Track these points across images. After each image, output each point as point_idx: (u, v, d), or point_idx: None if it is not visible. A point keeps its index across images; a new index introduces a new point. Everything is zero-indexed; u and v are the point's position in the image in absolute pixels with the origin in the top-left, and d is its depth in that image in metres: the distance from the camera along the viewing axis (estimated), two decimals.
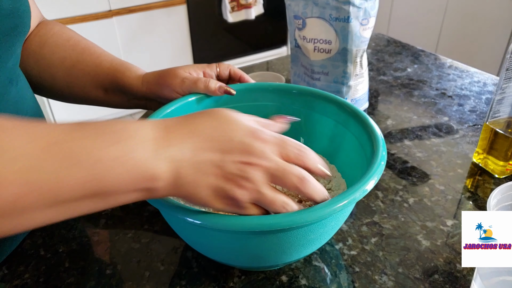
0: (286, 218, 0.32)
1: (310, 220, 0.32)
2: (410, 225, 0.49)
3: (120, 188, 0.27)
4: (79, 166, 0.25)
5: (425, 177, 0.57)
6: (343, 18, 0.61)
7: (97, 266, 0.46)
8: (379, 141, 0.41)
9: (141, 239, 0.49)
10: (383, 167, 0.38)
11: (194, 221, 0.32)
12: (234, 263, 0.43)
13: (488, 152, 0.57)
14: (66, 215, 0.27)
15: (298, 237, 0.35)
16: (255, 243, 0.36)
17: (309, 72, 0.69)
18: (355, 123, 0.46)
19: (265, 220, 0.32)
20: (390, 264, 0.44)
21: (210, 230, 0.35)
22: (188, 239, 0.41)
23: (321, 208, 0.33)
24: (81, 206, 0.27)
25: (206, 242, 0.38)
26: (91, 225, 0.52)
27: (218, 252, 0.40)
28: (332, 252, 0.46)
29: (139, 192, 0.29)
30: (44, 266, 0.46)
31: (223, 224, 0.32)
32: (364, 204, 0.53)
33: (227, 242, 0.37)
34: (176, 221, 0.38)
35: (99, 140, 0.27)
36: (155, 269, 0.45)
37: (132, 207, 0.54)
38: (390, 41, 1.05)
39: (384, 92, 0.81)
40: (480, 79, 0.84)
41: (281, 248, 0.36)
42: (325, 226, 0.37)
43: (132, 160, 0.27)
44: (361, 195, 0.34)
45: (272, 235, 0.34)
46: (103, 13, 1.96)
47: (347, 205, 0.33)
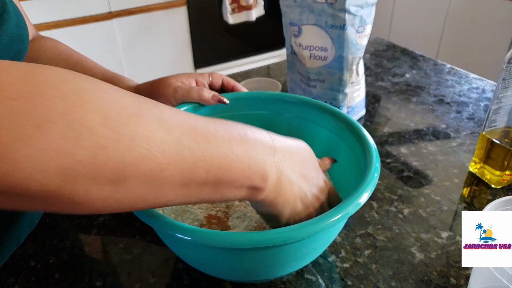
0: (277, 234, 0.32)
1: (302, 236, 0.32)
2: (405, 236, 0.49)
3: (237, 182, 0.30)
4: (213, 151, 0.28)
5: (420, 186, 0.57)
6: (339, 25, 0.61)
7: (87, 278, 0.45)
8: (372, 153, 0.41)
9: (133, 250, 0.48)
10: (376, 179, 0.37)
11: (184, 237, 0.32)
12: (225, 277, 0.42)
13: (484, 161, 0.57)
14: (188, 199, 0.29)
15: (290, 252, 0.35)
16: (247, 259, 0.35)
17: (305, 79, 0.68)
18: (349, 133, 0.46)
19: (256, 236, 0.31)
20: (383, 277, 0.44)
21: (201, 246, 0.35)
22: (180, 254, 0.40)
23: (313, 224, 0.32)
24: (201, 193, 0.29)
25: (198, 256, 0.38)
26: (83, 235, 0.52)
27: (210, 266, 0.39)
28: (325, 264, 0.46)
29: (248, 190, 0.31)
30: (34, 277, 0.45)
31: (214, 240, 0.32)
32: (358, 215, 0.52)
33: (219, 258, 0.36)
34: (168, 237, 0.38)
35: (228, 135, 0.30)
36: (145, 281, 0.45)
37: (124, 216, 0.54)
38: (389, 45, 1.05)
39: (381, 98, 0.80)
40: (479, 86, 0.83)
41: (273, 263, 0.36)
42: (317, 241, 0.36)
43: (253, 160, 0.30)
44: (354, 209, 0.34)
45: (264, 251, 0.34)
46: (103, 15, 1.96)
47: (339, 220, 0.33)
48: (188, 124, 0.28)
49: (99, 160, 0.23)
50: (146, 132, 0.25)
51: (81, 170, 0.23)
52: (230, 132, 0.30)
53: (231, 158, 0.29)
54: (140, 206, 0.27)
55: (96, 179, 0.24)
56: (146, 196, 0.27)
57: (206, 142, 0.28)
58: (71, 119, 0.22)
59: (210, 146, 0.28)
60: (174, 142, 0.26)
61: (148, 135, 0.25)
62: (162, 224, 0.33)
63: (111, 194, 0.25)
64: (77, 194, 0.24)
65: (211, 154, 0.28)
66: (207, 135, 0.28)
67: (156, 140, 0.25)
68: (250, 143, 0.30)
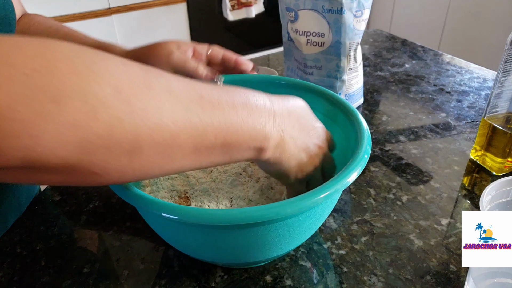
0: (265, 210, 0.30)
1: (290, 213, 0.31)
2: (403, 224, 0.47)
3: (244, 144, 0.31)
4: (220, 117, 0.29)
5: (420, 174, 0.55)
6: (336, 9, 0.59)
7: (74, 265, 0.44)
8: (364, 134, 0.39)
9: (122, 237, 0.47)
10: (366, 160, 0.36)
11: (170, 216, 0.31)
12: (214, 259, 0.41)
13: (486, 148, 0.55)
14: (200, 163, 0.30)
15: (279, 231, 0.34)
16: (232, 238, 0.34)
17: (302, 66, 0.67)
18: (342, 116, 0.44)
19: (243, 213, 0.30)
20: (380, 264, 0.42)
21: (190, 226, 0.33)
22: (166, 237, 0.39)
23: (301, 200, 0.31)
24: (212, 156, 0.30)
25: (185, 239, 0.37)
26: (72, 222, 0.50)
27: (199, 249, 0.38)
28: (320, 251, 0.44)
29: (254, 150, 0.32)
30: (19, 264, 0.44)
31: (202, 218, 0.30)
32: (355, 202, 0.51)
33: (206, 238, 0.35)
34: (153, 218, 0.36)
35: (231, 100, 0.30)
36: (134, 267, 0.43)
37: (115, 203, 0.52)
38: (389, 37, 1.03)
39: (380, 88, 0.79)
40: (480, 75, 0.81)
41: (262, 242, 0.35)
42: (306, 220, 0.35)
43: (256, 122, 0.31)
44: (342, 187, 0.33)
45: (251, 229, 0.33)
46: (102, 11, 1.95)
47: (328, 197, 0.32)
48: (194, 92, 0.28)
49: (115, 132, 0.24)
50: (157, 102, 0.26)
51: (98, 142, 0.24)
52: (233, 98, 0.31)
53: (237, 122, 0.30)
54: (155, 173, 0.28)
55: (113, 150, 0.25)
56: (161, 164, 0.28)
57: (212, 109, 0.29)
58: (86, 94, 0.23)
59: (216, 112, 0.29)
60: (183, 110, 0.27)
61: (159, 105, 0.26)
62: (148, 204, 0.32)
63: (127, 164, 0.26)
64: (95, 165, 0.25)
65: (219, 120, 0.29)
66: (213, 102, 0.29)
67: (167, 109, 0.26)
68: (252, 107, 0.31)
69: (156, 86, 0.26)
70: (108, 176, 0.26)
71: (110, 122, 0.24)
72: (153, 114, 0.25)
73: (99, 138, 0.24)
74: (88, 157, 0.24)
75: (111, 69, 0.25)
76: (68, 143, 0.23)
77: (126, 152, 0.25)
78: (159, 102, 0.26)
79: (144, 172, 0.28)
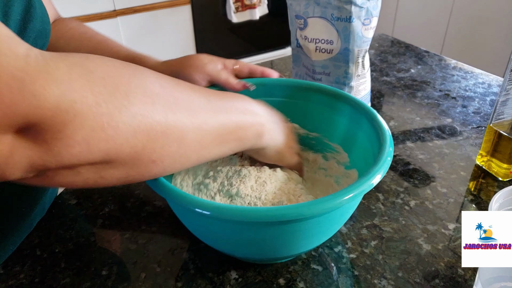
0: (295, 209, 0.32)
1: (318, 212, 0.33)
2: (411, 228, 0.49)
3: (247, 129, 0.39)
4: (231, 110, 0.38)
5: (427, 179, 0.56)
6: (345, 18, 0.60)
7: (93, 267, 0.45)
8: (386, 138, 0.41)
9: (138, 240, 0.48)
10: (389, 163, 0.37)
11: (203, 211, 0.33)
12: (238, 253, 0.43)
13: (491, 154, 0.56)
14: (223, 153, 0.38)
15: (306, 228, 0.36)
16: (263, 234, 0.36)
17: (310, 72, 0.68)
18: (365, 121, 0.46)
19: (273, 211, 0.32)
20: (390, 268, 0.44)
21: (222, 221, 0.35)
22: (195, 229, 0.41)
23: (329, 200, 0.33)
24: (230, 143, 0.38)
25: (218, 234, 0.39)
26: (88, 225, 0.52)
27: (228, 243, 0.40)
28: (331, 255, 0.46)
29: (256, 136, 0.41)
30: (40, 266, 0.45)
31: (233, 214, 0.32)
32: (364, 207, 0.52)
33: (236, 233, 0.37)
34: (184, 212, 0.38)
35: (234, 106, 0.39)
36: (151, 270, 0.45)
37: (130, 207, 0.54)
38: (394, 41, 1.04)
39: (386, 93, 0.80)
40: (485, 81, 0.82)
41: (289, 239, 0.37)
42: (331, 219, 0.37)
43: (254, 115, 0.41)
44: (367, 188, 0.35)
45: (279, 226, 0.35)
46: (107, 13, 1.97)
47: (352, 199, 0.33)
48: (203, 92, 0.36)
49: (169, 118, 0.30)
50: (187, 96, 0.34)
51: (159, 128, 0.30)
52: (229, 98, 0.39)
53: (240, 113, 0.39)
54: (192, 160, 0.35)
55: (169, 136, 0.31)
56: (197, 148, 0.34)
57: (223, 103, 0.38)
58: (144, 89, 0.29)
59: (226, 106, 0.38)
60: (206, 102, 0.35)
61: (190, 98, 0.34)
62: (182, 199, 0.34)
63: (176, 149, 0.32)
64: (154, 151, 0.30)
65: (230, 111, 0.38)
66: (219, 99, 0.38)
67: (195, 101, 0.34)
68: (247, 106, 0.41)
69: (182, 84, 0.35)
70: (161, 164, 0.31)
71: (164, 110, 0.30)
72: (189, 105, 0.33)
73: (158, 124, 0.29)
74: (151, 144, 0.29)
75: (151, 73, 0.32)
76: (138, 130, 0.28)
77: (176, 138, 0.31)
78: (188, 96, 0.34)
79: (186, 158, 0.34)
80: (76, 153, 0.26)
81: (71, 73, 0.25)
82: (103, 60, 0.28)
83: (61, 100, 0.24)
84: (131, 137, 0.28)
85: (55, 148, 0.25)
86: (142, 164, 0.30)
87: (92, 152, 0.26)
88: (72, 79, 0.25)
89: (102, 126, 0.26)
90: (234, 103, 0.39)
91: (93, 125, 0.25)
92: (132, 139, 0.28)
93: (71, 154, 0.26)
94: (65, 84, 0.24)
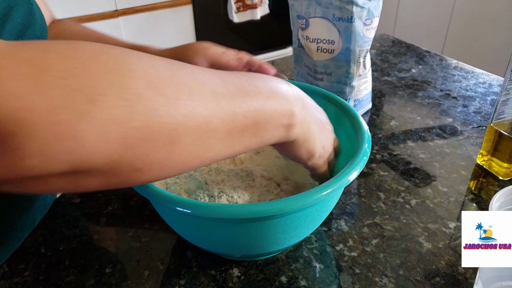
0: (274, 205, 0.33)
1: (296, 208, 0.34)
2: (412, 227, 0.49)
3: (272, 121, 0.32)
4: (245, 97, 0.30)
5: (428, 178, 0.57)
6: (346, 18, 0.61)
7: (97, 265, 0.46)
8: (364, 137, 0.42)
9: (141, 238, 0.49)
10: (365, 161, 0.39)
11: (184, 210, 0.33)
12: (222, 251, 0.44)
13: (492, 154, 0.56)
14: (233, 148, 0.31)
15: (284, 225, 0.37)
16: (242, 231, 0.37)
17: (312, 72, 0.69)
18: (347, 120, 0.47)
19: (255, 207, 0.33)
20: (390, 266, 0.44)
21: (203, 220, 0.36)
22: (181, 231, 0.42)
23: (308, 196, 0.34)
24: (244, 139, 0.31)
25: (200, 233, 0.39)
26: (92, 224, 0.52)
27: (213, 243, 0.41)
28: (333, 253, 0.46)
29: (283, 129, 0.33)
30: (44, 264, 0.46)
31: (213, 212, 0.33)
32: (365, 206, 0.52)
33: (217, 232, 0.38)
34: (168, 213, 0.39)
35: (253, 83, 0.32)
36: (154, 268, 0.45)
37: (133, 206, 0.54)
38: (395, 41, 1.05)
39: (388, 92, 0.80)
40: (486, 80, 0.83)
41: (269, 235, 0.38)
42: (310, 214, 0.38)
43: (281, 101, 0.33)
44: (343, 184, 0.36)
45: (260, 222, 0.35)
46: (109, 13, 1.97)
47: (331, 193, 0.35)
48: (216, 77, 0.30)
49: (153, 122, 0.24)
50: (186, 89, 0.27)
51: (138, 136, 0.24)
52: (255, 81, 0.32)
53: (263, 101, 0.31)
54: (193, 163, 0.29)
55: (153, 142, 0.25)
56: (198, 152, 0.28)
57: (237, 90, 0.30)
58: (120, 89, 0.23)
59: (240, 93, 0.30)
60: (211, 95, 0.28)
61: (189, 92, 0.27)
62: (164, 199, 0.35)
63: (167, 155, 0.26)
64: (137, 160, 0.25)
65: (245, 100, 0.30)
66: (235, 85, 0.30)
67: (196, 95, 0.27)
68: (275, 89, 0.33)
69: (181, 74, 0.27)
70: (150, 172, 0.26)
71: (147, 114, 0.24)
72: (185, 102, 0.26)
73: (138, 131, 0.24)
74: (130, 152, 0.24)
75: (139, 63, 0.25)
76: (110, 140, 0.23)
77: (165, 143, 0.26)
78: (188, 89, 0.27)
79: (184, 163, 0.28)
80: (34, 166, 0.22)
81: (17, 74, 0.21)
82: (69, 51, 0.23)
83: (1, 107, 0.20)
84: (100, 147, 0.23)
85: (8, 161, 0.21)
86: (124, 173, 0.25)
87: (53, 164, 0.22)
88: (17, 81, 0.21)
89: (59, 137, 0.21)
90: (256, 83, 0.32)
91: (46, 137, 0.21)
92: (102, 149, 0.23)
93: (28, 167, 0.22)
94: (6, 88, 0.20)
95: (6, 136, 0.20)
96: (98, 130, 0.22)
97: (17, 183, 0.24)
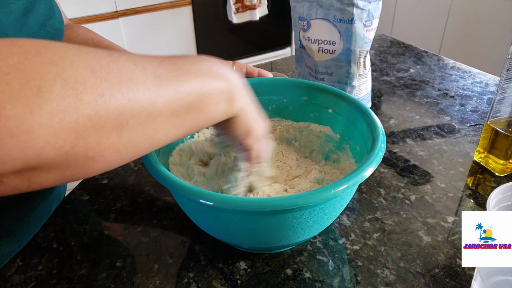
0: (295, 199, 0.35)
1: (316, 201, 0.35)
2: (412, 221, 0.51)
3: (214, 96, 0.33)
4: (186, 76, 0.31)
5: (426, 175, 0.59)
6: (347, 19, 0.63)
7: (108, 259, 0.47)
8: (379, 134, 0.43)
9: (150, 233, 0.50)
10: (380, 157, 0.40)
11: (206, 202, 0.35)
12: (241, 243, 0.45)
13: (489, 151, 0.58)
14: (181, 128, 0.32)
15: (304, 218, 0.38)
16: (263, 224, 0.38)
17: (313, 72, 0.70)
18: (360, 119, 0.48)
19: (274, 201, 0.35)
20: (391, 258, 0.46)
21: (224, 212, 0.38)
22: (200, 221, 0.43)
23: (323, 191, 0.35)
24: (190, 118, 0.32)
25: (219, 224, 0.41)
26: (102, 220, 0.54)
27: (229, 233, 0.42)
28: (336, 246, 0.48)
29: (225, 103, 0.35)
30: (57, 258, 0.47)
31: (235, 204, 0.35)
32: (366, 201, 0.54)
33: (237, 223, 0.39)
34: (188, 204, 0.41)
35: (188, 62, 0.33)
36: (164, 262, 0.47)
37: (141, 202, 0.56)
38: (393, 42, 1.06)
39: (387, 92, 0.82)
40: (482, 80, 0.85)
41: (287, 228, 0.39)
42: (327, 209, 0.40)
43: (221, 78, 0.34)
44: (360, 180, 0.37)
45: (279, 215, 0.37)
46: (109, 14, 1.98)
47: (346, 189, 0.36)
48: (155, 60, 0.31)
49: (100, 108, 0.25)
50: (128, 73, 0.27)
51: (88, 123, 0.25)
52: (192, 60, 0.33)
53: (202, 77, 0.32)
54: (144, 146, 0.30)
55: (103, 128, 0.26)
56: (147, 135, 0.29)
57: (176, 70, 0.31)
58: (64, 79, 0.24)
59: (181, 72, 0.31)
60: (152, 76, 0.29)
61: (130, 76, 0.27)
62: (186, 191, 0.36)
63: (118, 140, 0.27)
64: (89, 148, 0.26)
65: (186, 79, 0.31)
66: (175, 65, 0.31)
67: (138, 78, 0.28)
68: (213, 65, 0.35)
69: (121, 60, 0.28)
70: (103, 159, 0.27)
71: (94, 100, 0.25)
72: (127, 85, 0.27)
73: (87, 118, 0.25)
74: (82, 142, 0.25)
75: (80, 54, 0.26)
76: (62, 129, 0.24)
77: (114, 127, 0.26)
78: (129, 72, 0.27)
79: (134, 146, 0.29)
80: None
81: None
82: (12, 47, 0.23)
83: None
84: (52, 139, 0.23)
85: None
86: (78, 163, 0.26)
87: (6, 163, 0.22)
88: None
89: (11, 133, 0.22)
90: (195, 65, 0.33)
91: (2, 131, 0.21)
92: (55, 141, 0.24)
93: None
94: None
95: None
96: (49, 121, 0.23)
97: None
